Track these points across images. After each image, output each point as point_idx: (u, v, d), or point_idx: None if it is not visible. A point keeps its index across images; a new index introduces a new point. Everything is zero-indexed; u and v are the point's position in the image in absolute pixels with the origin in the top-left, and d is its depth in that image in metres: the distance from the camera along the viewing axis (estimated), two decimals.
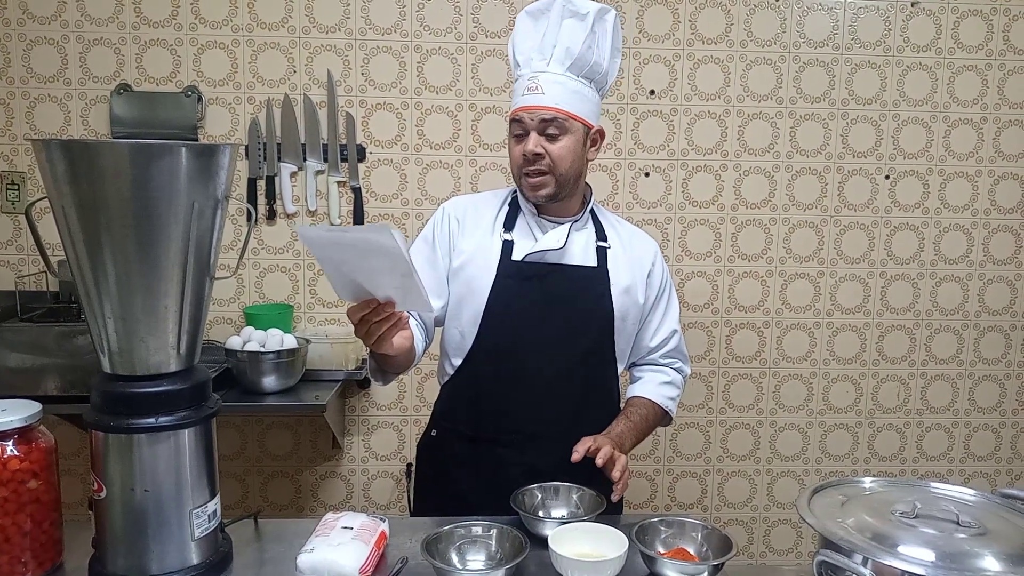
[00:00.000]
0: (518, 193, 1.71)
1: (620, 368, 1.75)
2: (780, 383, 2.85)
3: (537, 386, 1.64)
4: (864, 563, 0.99)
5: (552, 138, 1.58)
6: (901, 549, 1.00)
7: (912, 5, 2.68)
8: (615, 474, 1.49)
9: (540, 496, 1.50)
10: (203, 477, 1.24)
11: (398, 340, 1.42)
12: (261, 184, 2.62)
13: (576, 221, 1.68)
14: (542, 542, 1.30)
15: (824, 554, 1.01)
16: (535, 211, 1.69)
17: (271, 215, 2.64)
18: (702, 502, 2.90)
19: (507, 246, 1.65)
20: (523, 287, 1.62)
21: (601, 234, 1.71)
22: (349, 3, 2.58)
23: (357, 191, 2.64)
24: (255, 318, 2.53)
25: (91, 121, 2.58)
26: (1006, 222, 2.81)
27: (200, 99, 2.56)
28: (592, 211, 1.74)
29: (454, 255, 1.69)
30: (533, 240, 1.66)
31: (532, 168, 1.59)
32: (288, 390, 2.37)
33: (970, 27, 2.70)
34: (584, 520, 1.38)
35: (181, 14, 2.55)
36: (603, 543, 1.29)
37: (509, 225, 1.68)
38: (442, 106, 2.64)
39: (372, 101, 2.63)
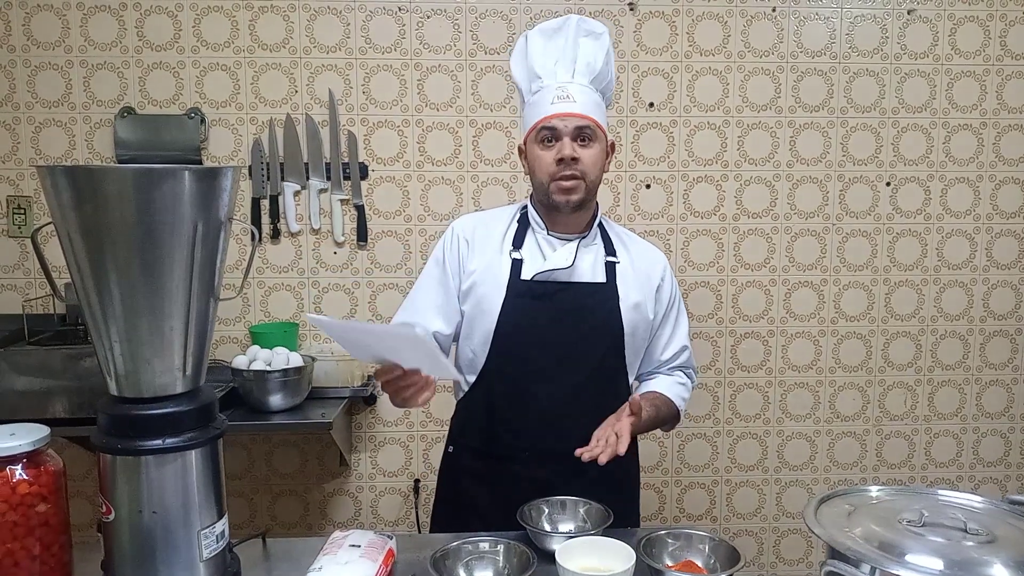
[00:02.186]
0: (528, 210, 1.72)
1: (631, 379, 1.75)
2: (786, 392, 2.85)
3: (549, 403, 1.64)
4: (872, 573, 0.98)
5: (584, 144, 1.60)
6: (909, 558, 0.99)
7: (908, 13, 2.70)
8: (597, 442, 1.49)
9: (547, 510, 1.50)
10: (211, 497, 1.24)
11: (424, 397, 1.44)
12: (265, 204, 2.64)
13: (584, 237, 1.69)
14: (549, 557, 1.30)
15: (831, 564, 1.01)
16: (544, 228, 1.69)
17: (275, 234, 2.65)
18: (711, 513, 2.89)
19: (516, 265, 1.65)
20: (533, 306, 1.63)
21: (610, 249, 1.71)
22: (349, 23, 2.60)
23: (360, 209, 2.66)
24: (260, 337, 2.53)
25: (96, 145, 2.60)
26: (1009, 226, 2.81)
27: (203, 121, 2.59)
28: (601, 226, 1.74)
29: (464, 276, 1.69)
30: (542, 258, 1.66)
31: (567, 172, 1.59)
32: (294, 408, 2.37)
33: (967, 33, 2.71)
34: (591, 534, 1.38)
35: (183, 37, 2.58)
36: (610, 557, 1.28)
37: (518, 243, 1.69)
38: (443, 123, 2.66)
39: (373, 119, 2.65)
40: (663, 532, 1.37)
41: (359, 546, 1.31)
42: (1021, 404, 2.90)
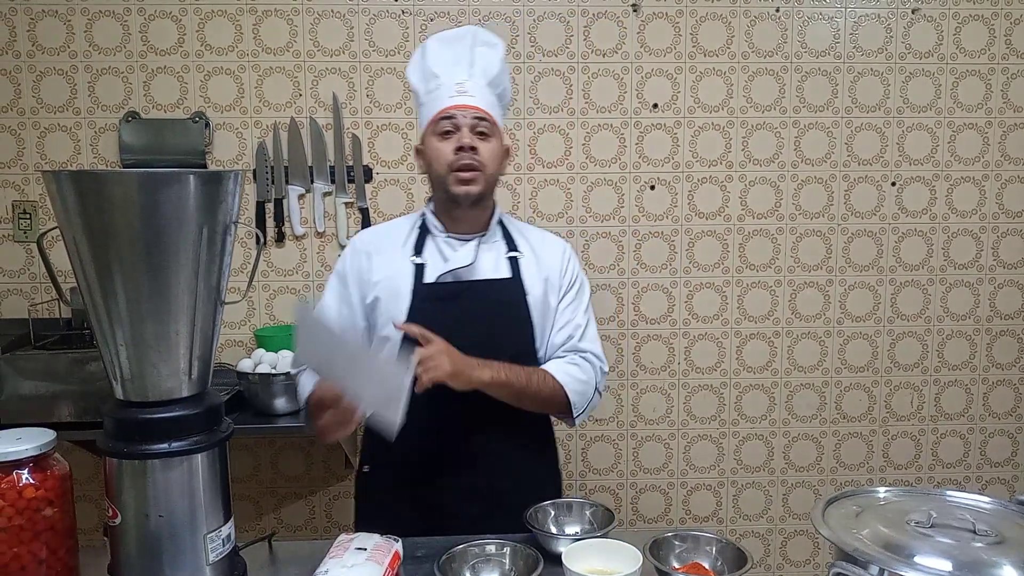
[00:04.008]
0: (426, 215, 1.72)
1: None
2: (792, 393, 2.84)
3: (465, 404, 1.57)
4: (880, 574, 0.98)
5: (483, 137, 1.62)
6: (917, 559, 0.99)
7: (913, 12, 2.69)
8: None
9: (553, 512, 1.50)
10: (217, 501, 1.24)
11: (343, 433, 1.44)
12: (269, 207, 2.64)
13: (483, 236, 1.70)
14: (556, 559, 1.30)
15: (839, 566, 1.01)
16: (443, 230, 1.69)
17: (280, 238, 2.65)
18: (717, 515, 2.88)
19: (419, 270, 1.65)
20: (439, 308, 1.61)
21: (511, 245, 1.72)
22: (353, 26, 2.60)
23: (365, 211, 2.66)
24: (266, 340, 2.54)
25: (100, 149, 2.61)
26: (1015, 225, 2.80)
27: (207, 125, 2.59)
28: (501, 223, 1.74)
29: (367, 289, 1.68)
30: (443, 260, 1.67)
31: (465, 163, 1.59)
32: (300, 411, 2.37)
33: (972, 32, 2.70)
34: (597, 536, 1.38)
35: (187, 41, 2.59)
36: (617, 559, 1.28)
37: (419, 249, 1.68)
38: None
39: (378, 122, 2.65)
40: (670, 534, 1.37)
41: (365, 549, 1.31)
42: None
